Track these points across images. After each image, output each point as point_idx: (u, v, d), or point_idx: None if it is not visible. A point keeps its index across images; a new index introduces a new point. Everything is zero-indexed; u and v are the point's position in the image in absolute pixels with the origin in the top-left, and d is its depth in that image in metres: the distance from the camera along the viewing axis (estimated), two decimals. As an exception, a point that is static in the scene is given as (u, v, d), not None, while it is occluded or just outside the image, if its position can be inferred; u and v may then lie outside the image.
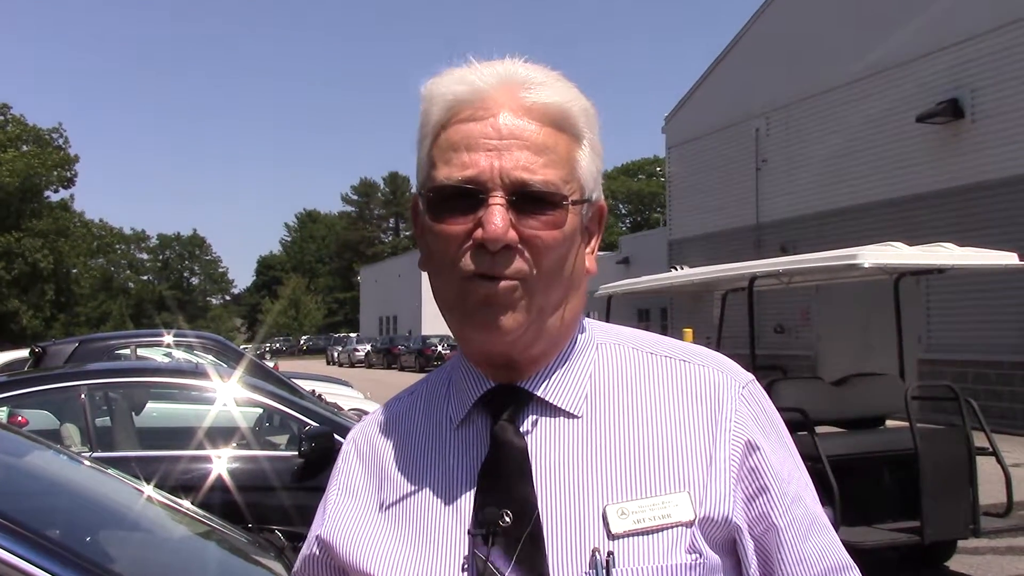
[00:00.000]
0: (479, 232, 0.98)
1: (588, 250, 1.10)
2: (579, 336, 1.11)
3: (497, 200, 0.98)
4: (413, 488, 1.08)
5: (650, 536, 0.98)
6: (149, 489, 3.41)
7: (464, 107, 1.02)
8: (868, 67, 18.23)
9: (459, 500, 1.04)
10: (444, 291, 1.04)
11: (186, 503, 3.60)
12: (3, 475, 2.92)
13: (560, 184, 1.01)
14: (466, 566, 1.00)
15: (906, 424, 6.45)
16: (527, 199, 0.99)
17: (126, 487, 3.37)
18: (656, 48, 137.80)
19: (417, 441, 1.12)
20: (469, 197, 0.99)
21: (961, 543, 6.94)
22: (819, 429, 6.49)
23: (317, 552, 1.14)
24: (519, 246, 0.99)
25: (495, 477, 1.03)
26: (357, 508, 1.11)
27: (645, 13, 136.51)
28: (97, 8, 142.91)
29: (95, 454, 5.05)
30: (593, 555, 0.97)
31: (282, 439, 6.26)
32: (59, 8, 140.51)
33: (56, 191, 47.67)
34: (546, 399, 1.06)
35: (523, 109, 1.01)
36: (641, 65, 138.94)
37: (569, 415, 1.06)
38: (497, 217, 0.97)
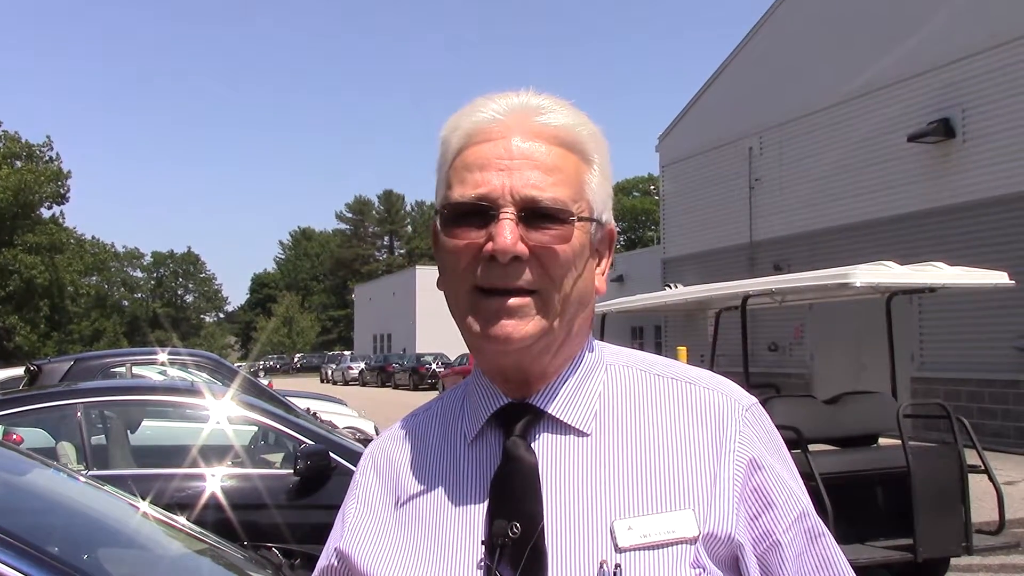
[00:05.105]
0: (490, 245, 1.03)
1: (599, 271, 1.15)
2: (588, 355, 1.16)
3: (507, 215, 1.03)
4: (428, 501, 1.12)
5: (656, 551, 1.01)
6: (145, 506, 3.43)
7: (480, 132, 1.08)
8: (860, 87, 18.36)
9: (472, 513, 1.08)
10: (457, 304, 1.09)
11: (182, 520, 3.62)
12: (2, 492, 2.94)
13: (568, 202, 1.06)
14: None
15: (899, 442, 6.48)
16: (536, 215, 1.04)
17: (123, 504, 3.38)
18: (650, 65, 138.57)
19: (432, 456, 1.16)
20: (481, 214, 1.05)
21: (954, 561, 6.95)
22: (812, 447, 6.52)
23: (336, 563, 1.18)
24: (528, 258, 1.04)
25: (506, 491, 1.07)
26: (374, 521, 1.15)
27: (640, 29, 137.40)
28: (92, 18, 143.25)
29: (91, 472, 5.05)
30: (601, 567, 1.01)
31: (277, 457, 6.26)
32: (51, 16, 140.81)
33: (49, 207, 47.49)
34: (557, 416, 1.10)
35: (534, 132, 1.07)
36: (635, 82, 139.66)
37: (579, 432, 1.10)
38: (506, 230, 1.02)
